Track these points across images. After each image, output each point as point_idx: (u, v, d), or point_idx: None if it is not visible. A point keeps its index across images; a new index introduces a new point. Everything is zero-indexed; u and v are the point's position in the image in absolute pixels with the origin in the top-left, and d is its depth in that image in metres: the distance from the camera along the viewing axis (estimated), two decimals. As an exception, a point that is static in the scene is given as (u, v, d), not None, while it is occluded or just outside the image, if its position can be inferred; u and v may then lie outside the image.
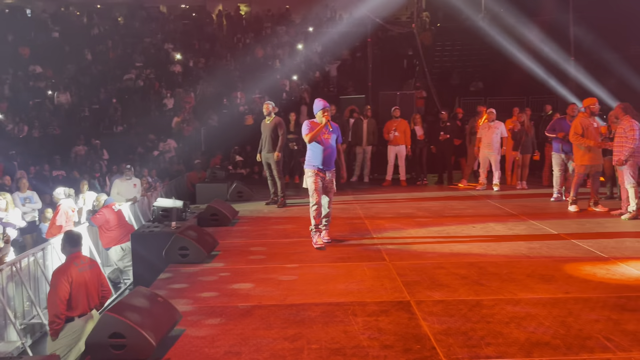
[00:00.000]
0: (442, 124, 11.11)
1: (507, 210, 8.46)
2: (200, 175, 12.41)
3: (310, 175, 6.43)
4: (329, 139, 6.41)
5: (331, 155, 6.46)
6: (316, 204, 6.40)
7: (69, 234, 5.04)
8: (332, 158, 6.48)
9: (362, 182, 11.82)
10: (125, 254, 8.03)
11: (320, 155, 6.37)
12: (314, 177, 6.40)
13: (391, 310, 4.48)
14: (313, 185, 6.40)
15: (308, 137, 6.38)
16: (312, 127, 6.40)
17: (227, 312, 4.53)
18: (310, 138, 6.37)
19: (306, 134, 6.40)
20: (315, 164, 6.41)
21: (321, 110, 6.42)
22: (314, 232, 6.50)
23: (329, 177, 6.48)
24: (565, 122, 8.78)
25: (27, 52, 20.85)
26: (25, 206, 9.17)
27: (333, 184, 6.59)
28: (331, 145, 6.44)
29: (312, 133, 6.36)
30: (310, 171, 6.44)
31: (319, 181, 6.40)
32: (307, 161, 6.49)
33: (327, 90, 18.40)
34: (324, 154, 6.37)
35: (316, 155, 6.40)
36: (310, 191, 6.44)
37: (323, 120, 6.38)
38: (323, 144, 6.38)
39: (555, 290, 4.84)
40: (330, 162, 6.45)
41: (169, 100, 17.99)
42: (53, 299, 4.65)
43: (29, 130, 16.61)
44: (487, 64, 19.63)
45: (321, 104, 6.48)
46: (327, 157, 6.42)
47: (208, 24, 24.84)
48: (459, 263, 5.70)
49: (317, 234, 6.50)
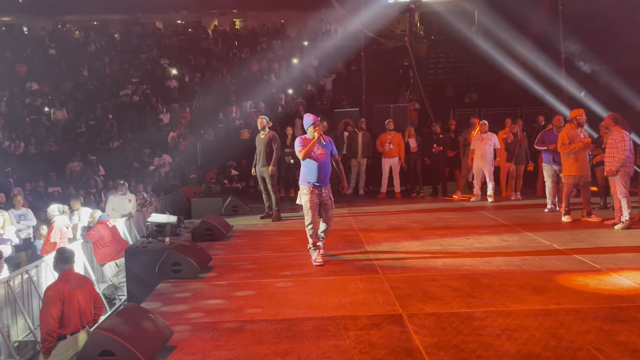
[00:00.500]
0: (434, 136, 11.17)
1: (501, 222, 8.48)
2: (196, 189, 12.42)
3: (305, 193, 6.28)
4: (323, 154, 6.28)
5: (326, 171, 6.32)
6: (311, 222, 6.27)
7: (61, 251, 5.02)
8: (327, 173, 6.34)
9: (357, 195, 11.84)
10: (120, 270, 8.01)
11: (315, 171, 6.24)
12: (309, 195, 6.25)
13: (383, 323, 4.48)
14: (308, 203, 6.25)
15: (302, 153, 6.25)
16: (305, 144, 6.28)
17: (219, 327, 4.52)
18: (304, 154, 6.24)
19: (299, 150, 6.28)
20: (310, 180, 6.27)
21: (312, 126, 6.32)
22: (312, 250, 6.37)
23: (325, 194, 6.32)
24: (552, 133, 8.87)
25: (23, 69, 20.95)
26: (20, 223, 9.16)
27: (331, 199, 6.41)
28: (326, 160, 6.31)
29: (305, 149, 6.23)
30: (306, 188, 6.29)
31: (315, 199, 6.25)
32: (302, 177, 6.37)
33: (321, 103, 18.51)
34: (318, 170, 6.24)
35: (311, 172, 6.27)
36: (304, 209, 6.31)
37: (315, 135, 6.27)
38: (317, 160, 6.25)
39: (547, 302, 4.85)
40: (325, 178, 6.31)
41: (165, 116, 18.07)
42: (45, 316, 4.62)
43: (25, 147, 16.65)
44: (481, 76, 19.80)
45: (311, 119, 6.38)
46: (322, 173, 6.27)
47: (204, 39, 25.03)
48: (452, 275, 5.71)
49: (317, 252, 6.36)
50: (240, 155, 14.12)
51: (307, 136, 6.41)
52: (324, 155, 6.29)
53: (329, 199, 6.35)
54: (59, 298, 4.62)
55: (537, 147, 9.32)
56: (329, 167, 6.35)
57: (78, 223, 8.83)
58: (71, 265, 4.95)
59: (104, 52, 23.14)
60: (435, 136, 11.19)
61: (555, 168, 8.92)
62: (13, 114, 18.45)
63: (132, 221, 10.01)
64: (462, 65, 21.38)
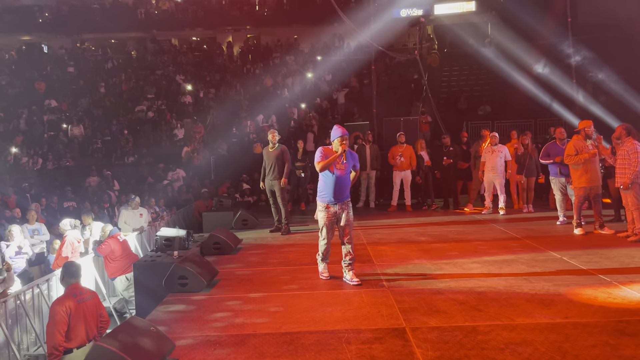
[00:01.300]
0: (444, 149, 11.13)
1: (512, 235, 8.39)
2: (208, 204, 12.51)
3: (322, 210, 6.03)
4: (343, 170, 5.94)
5: (344, 187, 5.98)
6: (325, 240, 6.06)
7: (68, 265, 5.08)
8: (345, 189, 6.00)
9: (367, 208, 11.82)
10: (130, 284, 8.05)
11: (332, 187, 5.91)
12: (325, 213, 6.00)
13: (386, 337, 4.44)
14: (323, 220, 6.02)
15: (320, 165, 5.89)
16: (326, 155, 5.93)
17: (222, 341, 4.53)
18: (323, 166, 5.89)
19: (318, 161, 5.91)
20: (326, 196, 5.98)
21: (339, 138, 5.92)
22: (320, 260, 6.23)
23: (342, 210, 6.00)
24: (557, 146, 8.80)
25: (42, 87, 21.46)
26: (34, 238, 9.31)
27: (349, 215, 6.04)
28: (344, 176, 5.96)
29: (325, 162, 5.87)
30: (322, 205, 6.03)
31: (331, 216, 5.98)
32: (319, 193, 6.06)
33: (333, 117, 18.59)
34: (335, 185, 5.90)
35: (327, 187, 5.95)
36: (320, 225, 6.09)
37: (340, 149, 5.89)
38: (335, 174, 5.90)
39: (553, 315, 4.77)
40: (342, 194, 5.98)
41: (180, 131, 18.30)
42: (52, 330, 4.67)
43: (43, 163, 16.96)
44: (494, 88, 19.74)
45: (339, 132, 5.97)
46: (339, 189, 5.94)
47: (218, 55, 25.36)
48: (459, 288, 5.65)
49: (324, 264, 6.22)
50: (253, 169, 14.19)
51: (330, 147, 6.09)
52: (343, 170, 5.96)
53: (346, 215, 6.02)
54: (66, 312, 4.67)
55: (542, 160, 9.25)
56: (347, 182, 6.02)
57: (89, 237, 8.94)
58: (78, 280, 5.01)
59: (120, 69, 23.61)
60: (445, 149, 11.15)
61: (562, 180, 8.82)
62: (32, 131, 18.86)
63: (143, 235, 10.11)
64: (476, 78, 21.37)
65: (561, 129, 9.10)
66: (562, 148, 8.67)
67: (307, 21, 25.82)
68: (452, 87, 21.42)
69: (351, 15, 17.82)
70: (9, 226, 8.69)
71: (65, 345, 4.73)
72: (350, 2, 26.10)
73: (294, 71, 22.11)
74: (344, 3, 24.94)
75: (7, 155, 17.08)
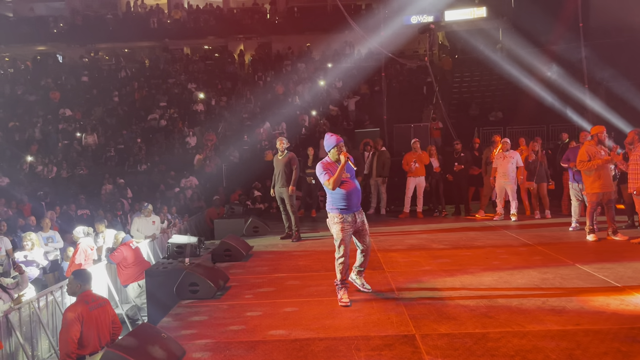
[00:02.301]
0: (456, 155, 11.10)
1: (523, 241, 8.34)
2: (219, 211, 12.59)
3: (337, 222, 5.45)
4: (348, 178, 5.49)
5: (357, 195, 5.54)
6: (342, 257, 5.46)
7: (79, 272, 5.13)
8: (358, 197, 5.56)
9: (378, 215, 11.81)
10: (143, 291, 8.13)
11: (345, 197, 5.44)
12: (340, 224, 5.42)
13: (395, 344, 4.44)
14: (340, 234, 5.43)
15: (331, 183, 5.37)
16: (328, 169, 5.46)
17: (232, 347, 4.56)
18: (335, 183, 5.37)
19: (327, 179, 5.39)
20: (340, 206, 5.46)
21: (335, 148, 5.48)
22: (339, 287, 5.55)
23: (359, 219, 5.54)
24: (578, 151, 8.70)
25: (57, 96, 21.76)
26: (48, 245, 9.43)
27: (365, 224, 5.62)
28: (354, 186, 5.52)
29: (334, 177, 5.37)
30: (336, 216, 5.47)
31: (348, 228, 5.44)
32: (330, 204, 5.54)
33: (346, 124, 18.64)
34: (348, 195, 5.44)
35: (340, 198, 5.46)
36: (336, 241, 5.48)
37: (342, 158, 5.40)
38: (346, 185, 5.46)
39: (565, 322, 4.74)
40: (357, 202, 5.53)
41: (192, 139, 18.44)
42: (64, 337, 4.71)
43: (57, 171, 17.17)
44: (506, 94, 19.68)
45: (333, 140, 5.50)
46: (353, 198, 5.48)
47: (230, 64, 25.56)
48: (469, 295, 5.63)
49: (343, 289, 5.54)
50: (264, 176, 14.26)
51: (328, 159, 5.57)
52: (349, 179, 5.50)
53: (363, 224, 5.58)
54: (78, 319, 4.71)
55: (562, 164, 9.18)
56: (358, 190, 5.58)
57: (102, 245, 9.03)
58: (89, 287, 5.06)
59: (133, 78, 23.88)
60: (456, 154, 11.12)
61: (580, 187, 8.76)
62: (47, 140, 19.12)
63: (155, 242, 10.19)
64: (487, 84, 21.33)
65: (584, 132, 9.00)
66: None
67: (318, 29, 25.98)
68: (463, 93, 21.39)
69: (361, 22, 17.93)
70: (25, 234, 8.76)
71: (78, 352, 4.77)
72: (360, 10, 26.25)
73: (304, 79, 22.22)
74: (354, 10, 25.09)
75: (23, 163, 17.33)
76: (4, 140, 19.09)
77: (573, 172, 8.71)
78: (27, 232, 9.17)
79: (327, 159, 5.58)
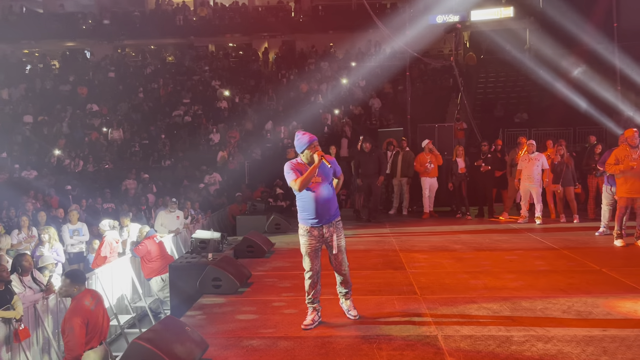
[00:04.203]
0: (482, 156, 10.99)
1: (549, 245, 8.22)
2: (241, 207, 12.68)
3: (302, 234, 4.83)
4: (318, 183, 4.74)
5: (327, 204, 4.78)
6: (310, 271, 4.86)
7: (73, 274, 4.90)
8: (330, 206, 4.81)
9: (400, 215, 11.75)
10: (166, 285, 8.22)
11: (313, 205, 4.73)
12: (306, 237, 4.80)
13: (417, 344, 4.43)
14: (305, 247, 4.83)
15: (297, 183, 4.65)
16: (298, 169, 4.73)
17: (254, 343, 4.59)
18: (302, 184, 4.66)
19: (293, 179, 4.67)
20: (307, 217, 4.79)
21: (307, 148, 4.73)
22: (308, 306, 4.95)
23: (328, 233, 4.80)
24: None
25: (85, 92, 22.16)
26: (73, 238, 9.59)
27: (337, 240, 4.83)
28: (324, 191, 4.77)
29: (302, 178, 4.66)
30: (302, 227, 4.83)
31: (314, 242, 4.79)
32: (299, 213, 4.89)
33: (370, 123, 18.59)
34: (316, 203, 4.73)
35: (307, 206, 4.77)
36: (302, 254, 4.89)
37: (315, 157, 4.68)
38: (315, 190, 4.74)
39: (591, 327, 4.66)
40: (327, 213, 4.78)
41: (215, 135, 18.61)
42: (72, 343, 4.51)
43: (84, 165, 17.49)
44: (532, 96, 19.41)
45: (306, 139, 4.75)
46: (322, 207, 4.75)
47: (254, 62, 25.70)
48: (492, 298, 5.58)
49: (311, 309, 4.91)
50: (286, 173, 14.28)
51: (299, 160, 4.83)
52: (319, 183, 4.75)
53: (334, 240, 4.82)
54: (84, 322, 4.59)
55: (598, 167, 9.03)
56: (330, 197, 4.82)
57: (127, 238, 9.17)
58: (85, 284, 4.89)
59: (159, 74, 24.18)
60: (482, 155, 11.00)
61: (608, 189, 8.59)
62: (74, 134, 19.50)
63: (179, 237, 10.31)
64: (513, 85, 21.07)
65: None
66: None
67: (342, 27, 25.95)
68: (488, 93, 21.16)
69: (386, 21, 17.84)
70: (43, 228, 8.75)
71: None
72: (385, 8, 26.14)
73: (328, 77, 22.24)
74: (379, 9, 25.00)
75: (51, 157, 17.70)
76: (33, 134, 19.53)
77: (607, 176, 8.55)
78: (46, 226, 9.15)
79: (299, 159, 4.83)
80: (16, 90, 22.97)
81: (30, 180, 15.57)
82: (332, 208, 4.85)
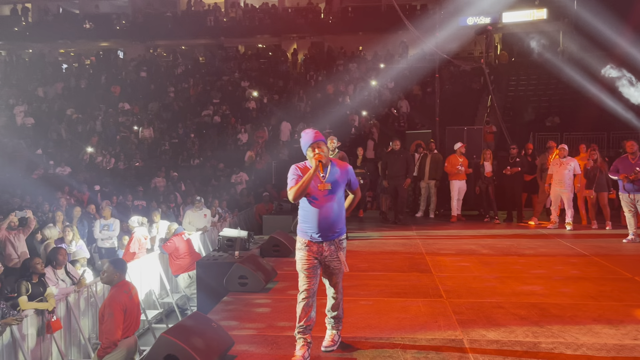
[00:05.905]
0: (511, 160, 10.83)
1: (579, 251, 8.06)
2: (268, 207, 12.76)
3: (300, 248, 4.20)
4: (324, 191, 4.07)
5: (333, 217, 4.10)
6: (305, 292, 4.15)
7: (117, 262, 5.08)
8: (336, 221, 4.14)
9: (427, 218, 11.67)
10: (193, 282, 8.36)
11: (315, 218, 4.07)
12: (304, 251, 4.16)
13: (442, 347, 4.40)
14: (301, 263, 4.17)
15: (292, 192, 4.02)
16: (303, 175, 4.06)
17: (279, 341, 4.63)
18: (296, 194, 3.99)
19: (290, 186, 4.04)
20: (308, 229, 4.14)
21: (310, 147, 4.08)
22: (297, 337, 4.18)
23: (329, 252, 4.16)
24: (627, 160, 8.39)
25: (117, 90, 22.64)
26: (102, 233, 9.80)
27: (338, 261, 4.22)
28: (330, 202, 4.08)
29: (297, 186, 3.98)
30: (301, 241, 4.20)
31: (312, 258, 4.14)
32: (299, 224, 4.26)
33: (398, 125, 18.51)
34: (319, 215, 4.06)
35: (308, 217, 4.12)
36: (298, 270, 4.24)
37: (313, 163, 4.01)
38: (318, 200, 4.07)
39: (622, 337, 4.56)
40: (330, 228, 4.11)
41: (244, 135, 18.78)
42: (111, 327, 4.65)
43: (115, 163, 17.86)
44: (564, 99, 19.04)
45: (310, 137, 4.11)
46: (324, 220, 4.08)
47: (283, 62, 25.84)
48: (520, 303, 5.50)
49: (300, 339, 4.15)
50: (313, 174, 14.32)
51: (307, 163, 4.17)
52: (327, 192, 4.07)
53: (334, 260, 4.19)
54: (122, 309, 4.72)
55: (610, 175, 8.86)
56: (335, 211, 4.12)
57: (156, 235, 9.33)
58: (125, 274, 5.09)
59: (189, 74, 24.53)
60: (511, 159, 10.84)
61: (632, 197, 8.39)
62: (106, 132, 19.93)
63: (206, 235, 10.45)
64: (544, 88, 20.69)
65: (632, 142, 8.65)
66: (631, 163, 8.27)
67: (372, 29, 25.90)
68: (519, 96, 20.83)
69: (416, 23, 17.73)
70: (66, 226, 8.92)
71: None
72: (415, 10, 26.00)
73: (356, 78, 22.22)
74: (409, 11, 24.88)
75: (84, 154, 18.12)
76: (68, 131, 20.04)
77: (623, 183, 8.39)
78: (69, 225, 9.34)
79: (307, 162, 4.18)
80: (52, 88, 23.62)
81: (64, 177, 15.97)
82: (339, 224, 4.16)
